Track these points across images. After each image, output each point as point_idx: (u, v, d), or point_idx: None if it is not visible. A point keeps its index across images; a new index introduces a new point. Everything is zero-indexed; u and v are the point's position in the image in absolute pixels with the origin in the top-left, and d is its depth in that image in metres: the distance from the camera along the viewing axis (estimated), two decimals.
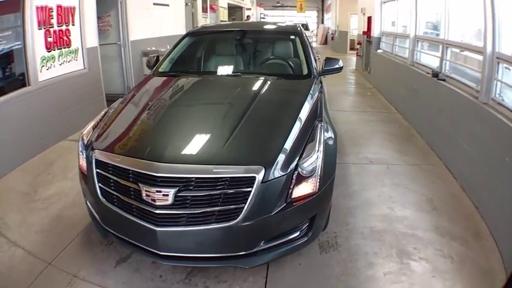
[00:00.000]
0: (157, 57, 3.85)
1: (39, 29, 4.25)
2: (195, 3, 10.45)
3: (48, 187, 3.43)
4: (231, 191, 1.87)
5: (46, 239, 2.63)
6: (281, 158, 1.99)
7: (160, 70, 3.50)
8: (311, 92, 2.85)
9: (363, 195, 3.26)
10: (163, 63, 3.60)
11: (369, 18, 8.11)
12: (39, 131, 4.22)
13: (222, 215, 1.87)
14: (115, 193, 2.06)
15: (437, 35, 4.67)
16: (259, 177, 1.87)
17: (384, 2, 7.39)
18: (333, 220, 2.81)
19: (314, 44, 20.85)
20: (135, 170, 1.96)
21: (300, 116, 2.41)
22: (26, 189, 3.41)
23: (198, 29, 4.01)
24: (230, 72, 3.36)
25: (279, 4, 24.52)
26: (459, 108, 3.47)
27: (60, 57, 4.70)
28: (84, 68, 5.20)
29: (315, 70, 3.29)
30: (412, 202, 3.13)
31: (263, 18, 22.90)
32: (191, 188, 1.87)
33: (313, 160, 2.08)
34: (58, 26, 4.59)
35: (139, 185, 1.92)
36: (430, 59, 4.81)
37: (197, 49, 3.79)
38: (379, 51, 7.60)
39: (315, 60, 3.46)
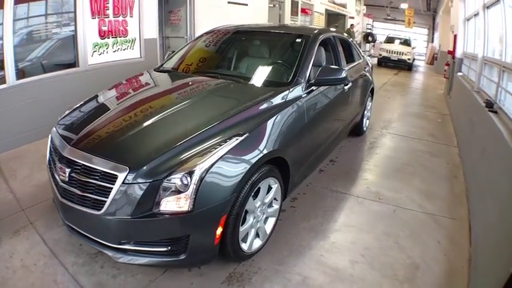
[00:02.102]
0: (174, 51, 3.60)
1: (92, 18, 4.42)
2: (283, 5, 9.82)
3: None
4: (100, 183, 1.81)
5: (34, 192, 2.88)
6: (153, 163, 1.77)
7: (160, 66, 3.29)
8: (266, 101, 2.31)
9: (332, 237, 2.46)
10: (169, 59, 3.36)
11: (455, 37, 6.53)
12: None
13: (94, 203, 1.82)
14: (52, 164, 2.20)
15: None
16: (122, 176, 1.74)
17: (468, 19, 5.81)
18: (269, 254, 2.23)
19: (421, 63, 18.46)
20: (57, 148, 2.08)
21: (216, 125, 2.00)
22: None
23: (213, 29, 3.60)
24: (206, 73, 2.94)
25: (389, 17, 22.11)
26: (497, 151, 2.34)
27: (115, 45, 4.84)
28: (141, 57, 5.28)
29: (302, 79, 2.61)
30: (388, 263, 2.21)
31: (369, 29, 20.78)
32: (78, 171, 1.89)
33: (190, 175, 1.73)
34: (114, 17, 4.72)
35: (57, 159, 2.05)
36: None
37: (198, 48, 3.38)
38: (459, 74, 6.02)
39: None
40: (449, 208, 2.94)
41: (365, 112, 4.57)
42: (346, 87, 3.43)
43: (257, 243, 2.20)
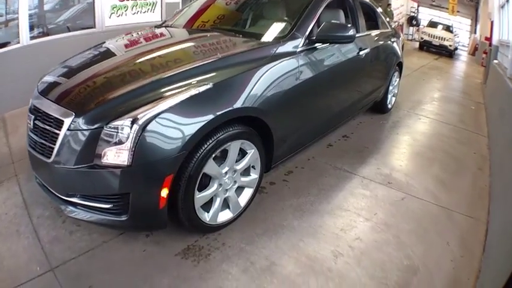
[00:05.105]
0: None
1: None
2: None
3: None
4: (52, 129, 1.60)
5: None
6: (99, 109, 1.52)
7: (162, 23, 2.92)
8: (247, 53, 1.93)
9: (320, 221, 2.00)
10: (176, 15, 2.94)
11: (491, 24, 5.51)
12: None
13: (46, 151, 1.62)
14: None
15: None
16: (67, 122, 1.53)
17: (502, 6, 4.82)
18: (240, 230, 1.87)
19: (463, 53, 16.65)
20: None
21: (179, 73, 1.66)
22: None
23: None
24: (204, 26, 2.55)
25: (434, 3, 20.05)
26: None
27: (134, 7, 4.57)
28: (161, 20, 4.93)
29: (299, 34, 2.12)
30: (380, 262, 1.72)
31: (413, 12, 18.97)
32: (39, 118, 1.70)
33: (131, 123, 1.43)
34: None
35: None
36: None
37: (199, 6, 2.87)
38: (495, 61, 5.10)
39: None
40: (468, 204, 2.35)
41: (390, 88, 3.91)
42: (361, 53, 2.84)
43: (226, 215, 1.83)
